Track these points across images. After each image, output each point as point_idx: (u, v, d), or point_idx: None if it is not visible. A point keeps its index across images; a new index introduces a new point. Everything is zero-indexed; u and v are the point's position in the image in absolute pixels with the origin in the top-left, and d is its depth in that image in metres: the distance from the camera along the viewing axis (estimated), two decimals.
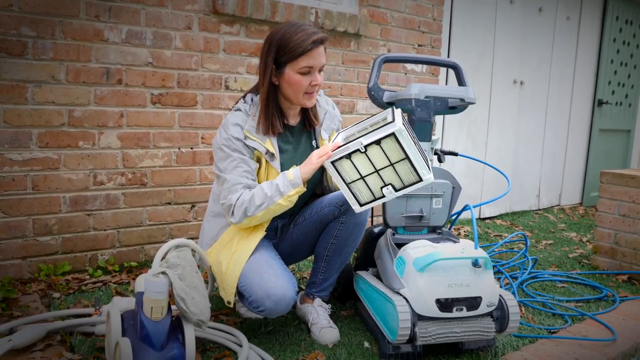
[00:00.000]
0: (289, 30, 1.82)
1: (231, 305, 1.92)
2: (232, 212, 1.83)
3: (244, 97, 1.96)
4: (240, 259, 1.86)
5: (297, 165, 1.83)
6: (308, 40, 1.78)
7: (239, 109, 1.91)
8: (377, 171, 1.70)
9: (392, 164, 1.68)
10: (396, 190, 1.72)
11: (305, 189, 1.81)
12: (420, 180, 1.69)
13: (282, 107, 1.95)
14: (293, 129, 2.00)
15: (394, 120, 1.64)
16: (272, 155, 1.89)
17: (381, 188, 1.72)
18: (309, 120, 2.01)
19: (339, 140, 1.78)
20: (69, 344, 1.79)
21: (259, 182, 1.90)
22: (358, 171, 1.71)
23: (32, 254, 2.38)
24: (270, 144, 1.89)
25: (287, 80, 1.84)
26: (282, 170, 1.91)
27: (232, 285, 1.86)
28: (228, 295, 1.87)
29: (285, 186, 1.78)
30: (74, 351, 1.76)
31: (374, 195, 1.74)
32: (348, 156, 1.68)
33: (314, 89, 1.86)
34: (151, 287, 1.51)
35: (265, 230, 2.07)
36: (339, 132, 1.88)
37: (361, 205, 1.76)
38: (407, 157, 1.66)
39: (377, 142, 1.64)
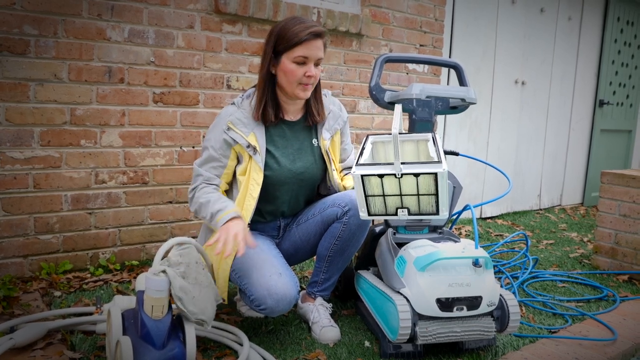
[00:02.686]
0: (290, 21, 1.88)
1: (225, 302, 1.93)
2: (189, 202, 1.97)
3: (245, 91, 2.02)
4: (228, 259, 1.87)
5: (235, 212, 1.82)
6: (305, 32, 1.84)
7: (232, 103, 1.97)
8: (401, 195, 1.70)
9: (418, 194, 1.69)
10: (409, 214, 1.73)
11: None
12: (437, 214, 1.71)
13: (280, 100, 1.97)
14: (292, 125, 2.01)
15: (440, 160, 1.65)
16: (255, 149, 1.90)
17: (397, 209, 1.73)
18: (311, 116, 2.02)
19: (369, 143, 1.82)
20: (70, 343, 1.79)
21: (244, 177, 1.92)
22: (383, 189, 1.70)
23: (34, 253, 2.39)
24: (254, 138, 1.90)
25: (282, 69, 1.88)
26: (265, 166, 1.92)
27: (224, 283, 1.88)
28: (221, 292, 1.88)
29: (213, 223, 1.84)
30: (75, 350, 1.76)
31: (386, 211, 1.74)
32: (380, 175, 1.67)
33: (309, 81, 1.89)
34: (152, 286, 1.52)
35: (267, 229, 2.08)
36: (369, 135, 1.90)
37: (369, 214, 1.77)
38: (436, 194, 1.67)
39: (416, 175, 1.65)
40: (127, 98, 2.55)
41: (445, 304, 1.73)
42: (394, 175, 1.65)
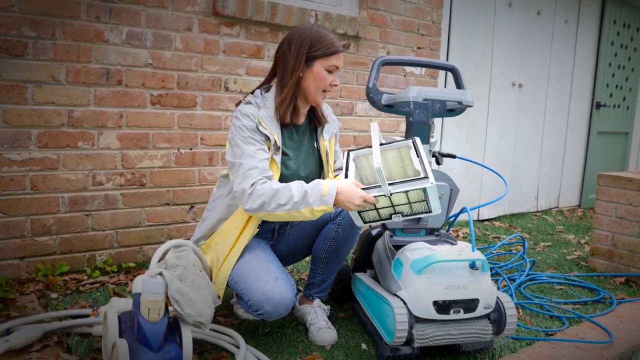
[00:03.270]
0: (320, 30, 1.90)
1: (219, 303, 1.93)
2: (247, 199, 1.76)
3: (252, 92, 1.96)
4: (232, 257, 1.88)
5: (339, 179, 1.75)
6: (340, 42, 1.90)
7: (249, 102, 1.90)
8: (393, 206, 1.72)
9: (409, 203, 1.71)
10: (404, 217, 1.75)
11: (333, 210, 1.78)
12: (430, 212, 1.72)
13: (296, 103, 1.96)
14: (299, 128, 2.02)
15: (426, 175, 1.65)
16: (278, 148, 1.89)
17: (390, 214, 1.75)
18: (317, 118, 2.03)
19: (351, 159, 1.85)
20: (66, 345, 1.79)
21: None
22: (375, 205, 1.71)
23: (30, 254, 2.38)
24: (277, 137, 1.89)
25: (314, 74, 1.88)
26: (282, 167, 1.92)
27: (223, 282, 1.88)
28: (218, 290, 1.89)
29: (314, 198, 1.71)
30: (71, 352, 1.76)
31: (380, 217, 1.76)
32: None
33: (331, 89, 1.93)
34: (148, 288, 1.52)
35: (262, 232, 2.08)
36: (349, 150, 1.90)
37: (365, 222, 1.78)
38: (427, 201, 1.69)
39: (405, 191, 1.66)
40: (125, 100, 2.55)
41: (442, 306, 1.74)
42: (384, 195, 1.67)
